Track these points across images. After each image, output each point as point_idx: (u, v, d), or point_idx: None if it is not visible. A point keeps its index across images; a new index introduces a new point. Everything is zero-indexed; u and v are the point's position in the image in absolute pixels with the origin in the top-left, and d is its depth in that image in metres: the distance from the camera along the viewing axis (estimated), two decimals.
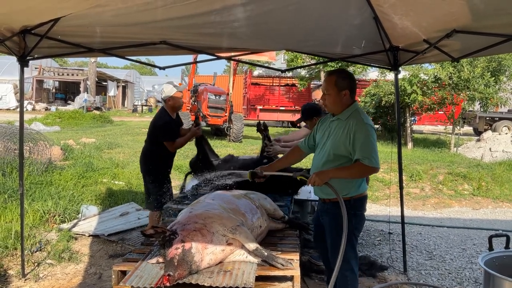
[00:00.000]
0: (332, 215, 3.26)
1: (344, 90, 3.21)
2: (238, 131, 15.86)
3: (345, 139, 3.13)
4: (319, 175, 3.08)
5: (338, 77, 3.24)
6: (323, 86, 3.34)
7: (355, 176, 3.20)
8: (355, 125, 3.12)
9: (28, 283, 4.35)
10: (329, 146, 3.23)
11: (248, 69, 27.43)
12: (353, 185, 3.25)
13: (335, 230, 3.24)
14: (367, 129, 3.13)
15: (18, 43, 4.08)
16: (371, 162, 3.05)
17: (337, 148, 3.17)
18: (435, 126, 24.99)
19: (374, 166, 3.07)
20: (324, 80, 3.38)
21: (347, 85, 3.23)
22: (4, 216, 5.70)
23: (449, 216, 8.02)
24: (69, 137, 13.72)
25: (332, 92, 3.22)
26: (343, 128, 3.17)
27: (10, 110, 27.04)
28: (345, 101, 3.23)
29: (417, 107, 15.60)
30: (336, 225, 3.20)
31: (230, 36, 4.37)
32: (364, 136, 3.09)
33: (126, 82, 38.52)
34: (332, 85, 3.22)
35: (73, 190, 7.23)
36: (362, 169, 3.10)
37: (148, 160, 5.16)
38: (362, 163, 3.06)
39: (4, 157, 7.92)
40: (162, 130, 4.99)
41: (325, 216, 3.38)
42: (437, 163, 10.87)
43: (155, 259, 3.01)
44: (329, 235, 3.36)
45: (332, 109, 3.30)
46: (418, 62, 5.98)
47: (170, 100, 5.07)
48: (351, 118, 3.18)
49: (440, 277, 4.81)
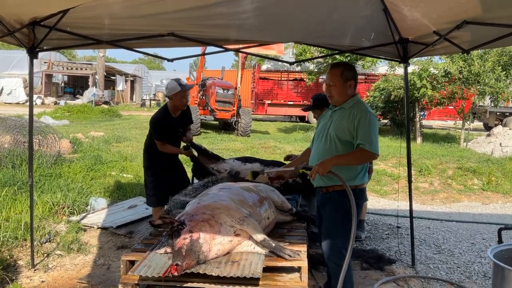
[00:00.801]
0: (336, 203, 3.26)
1: (349, 81, 3.30)
2: (246, 126, 15.86)
3: (350, 124, 3.19)
4: (321, 165, 3.08)
5: (344, 69, 3.33)
6: (328, 78, 3.38)
7: (356, 162, 3.23)
8: (359, 112, 3.19)
9: (38, 273, 4.39)
10: (332, 132, 3.27)
11: (257, 63, 27.39)
12: (357, 174, 3.28)
13: (335, 219, 3.26)
14: (370, 116, 3.20)
15: (27, 35, 4.10)
16: (371, 147, 3.11)
17: (341, 132, 3.22)
18: (445, 122, 24.79)
19: (373, 151, 3.13)
20: (328, 72, 3.42)
21: (352, 76, 3.33)
22: (14, 208, 5.75)
23: (458, 210, 7.97)
24: (78, 130, 13.80)
25: (338, 83, 3.29)
26: (347, 116, 3.23)
27: (19, 104, 27.24)
28: (349, 91, 3.32)
29: (427, 102, 15.48)
30: (338, 214, 3.22)
31: (238, 28, 4.36)
32: (367, 122, 3.15)
33: (135, 77, 38.65)
34: (338, 76, 3.29)
35: (82, 183, 7.28)
36: (362, 154, 3.15)
37: (148, 154, 5.09)
38: (363, 149, 3.11)
39: (13, 150, 7.98)
40: (153, 127, 4.89)
41: (327, 204, 3.37)
42: (446, 157, 10.79)
43: (163, 249, 3.02)
44: (326, 222, 3.36)
45: (337, 100, 3.35)
46: (428, 54, 5.94)
47: (173, 98, 4.88)
48: (355, 107, 3.25)
49: (448, 271, 4.78)
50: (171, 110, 4.95)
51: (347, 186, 2.92)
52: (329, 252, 3.30)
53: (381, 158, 10.46)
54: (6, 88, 28.28)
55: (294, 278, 2.96)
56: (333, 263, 3.28)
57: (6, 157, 7.71)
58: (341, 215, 3.16)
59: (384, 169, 9.88)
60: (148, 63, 68.42)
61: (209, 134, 16.00)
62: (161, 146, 4.88)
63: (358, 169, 3.28)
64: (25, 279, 4.23)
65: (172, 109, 4.94)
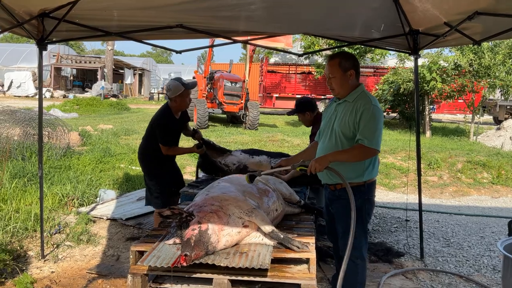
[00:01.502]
0: (345, 201, 3.08)
1: (349, 71, 3.14)
2: (254, 119, 15.83)
3: (353, 119, 3.06)
4: (318, 161, 2.97)
5: (342, 59, 3.17)
6: (327, 70, 3.24)
7: (355, 159, 3.10)
8: (362, 105, 3.05)
9: (48, 263, 4.43)
10: (337, 128, 3.15)
11: (264, 56, 27.29)
12: (365, 169, 3.17)
13: (347, 217, 3.16)
14: (373, 110, 3.05)
15: (36, 27, 4.11)
16: (370, 143, 2.97)
17: (346, 129, 3.09)
18: (454, 115, 24.61)
19: (373, 147, 2.99)
20: (327, 65, 3.27)
21: (351, 65, 3.16)
22: (24, 199, 5.80)
23: (467, 204, 7.92)
24: (87, 123, 13.88)
25: (337, 74, 3.16)
26: (350, 110, 3.10)
27: (29, 97, 27.40)
28: (351, 82, 3.17)
29: (436, 95, 15.35)
30: (348, 211, 3.12)
31: (247, 20, 4.34)
32: (369, 116, 3.02)
33: (143, 70, 38.74)
34: (337, 67, 3.15)
35: (91, 175, 7.32)
36: (361, 150, 3.01)
37: (147, 159, 4.80)
38: (361, 145, 2.98)
39: (23, 142, 8.04)
40: (161, 131, 4.56)
41: (335, 203, 3.30)
42: (456, 151, 10.71)
43: (172, 240, 3.03)
44: (340, 222, 3.28)
45: (340, 92, 3.22)
46: (439, 45, 5.89)
47: (176, 100, 4.56)
48: (359, 99, 3.11)
49: (457, 264, 4.76)
50: (174, 112, 4.66)
51: (345, 181, 2.84)
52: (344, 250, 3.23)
53: (390, 151, 10.41)
54: (16, 81, 28.45)
55: (303, 269, 2.96)
56: (351, 261, 3.23)
57: (16, 149, 7.77)
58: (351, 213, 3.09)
59: (393, 162, 9.83)
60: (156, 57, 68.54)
61: (216, 127, 16.01)
62: (168, 150, 4.62)
63: (365, 164, 3.16)
64: (35, 269, 4.27)
65: (175, 110, 4.65)
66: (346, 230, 3.19)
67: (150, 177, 4.82)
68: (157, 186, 4.76)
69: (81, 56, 37.18)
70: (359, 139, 3.00)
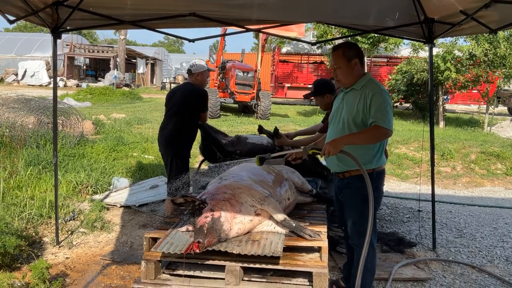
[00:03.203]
0: (355, 189, 3.13)
1: (353, 59, 3.12)
2: (266, 109, 15.80)
3: (363, 105, 3.02)
4: (332, 144, 2.86)
5: (345, 49, 3.16)
6: (332, 61, 3.25)
7: (370, 141, 3.04)
8: (371, 91, 3.03)
9: (62, 250, 4.50)
10: (345, 115, 3.12)
11: (276, 46, 27.18)
12: (373, 156, 3.12)
13: (356, 205, 3.14)
14: (383, 95, 3.03)
15: (51, 15, 4.14)
16: (385, 123, 2.91)
17: (355, 114, 3.06)
18: (468, 106, 24.34)
19: (388, 128, 2.93)
20: (331, 56, 3.29)
21: (355, 54, 3.14)
22: (39, 186, 5.88)
23: (480, 195, 7.86)
24: (100, 112, 13.98)
25: (342, 64, 3.14)
26: (359, 97, 3.07)
27: (42, 86, 27.64)
28: (356, 71, 3.14)
29: (450, 85, 15.18)
30: (358, 199, 3.10)
31: (260, 8, 4.31)
32: (381, 100, 2.98)
33: (155, 60, 38.80)
34: (341, 57, 3.14)
35: (105, 163, 7.39)
36: (376, 131, 2.94)
37: (184, 140, 4.84)
38: (376, 125, 2.92)
39: (37, 130, 8.13)
40: (205, 100, 4.98)
41: (344, 191, 3.25)
42: (469, 142, 10.61)
43: (185, 227, 3.06)
44: (348, 210, 3.24)
45: (346, 82, 3.19)
46: (454, 34, 5.80)
47: (199, 76, 4.97)
48: (366, 86, 3.08)
49: (470, 254, 4.74)
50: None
51: (362, 167, 2.75)
52: (354, 238, 3.23)
53: (403, 142, 10.34)
54: (29, 71, 28.68)
55: (314, 258, 2.98)
56: (358, 249, 3.23)
57: (30, 137, 7.86)
58: (361, 200, 3.02)
59: (406, 153, 9.77)
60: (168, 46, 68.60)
61: (228, 117, 16.02)
62: (206, 116, 5.05)
63: (374, 151, 3.12)
64: (50, 255, 4.34)
65: (197, 85, 5.01)
66: (355, 218, 3.20)
67: (182, 160, 4.86)
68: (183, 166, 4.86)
69: (94, 46, 37.34)
70: (373, 122, 2.94)
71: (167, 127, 4.88)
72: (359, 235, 3.12)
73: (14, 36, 36.34)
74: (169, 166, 4.88)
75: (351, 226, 3.23)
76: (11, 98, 9.21)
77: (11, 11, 3.68)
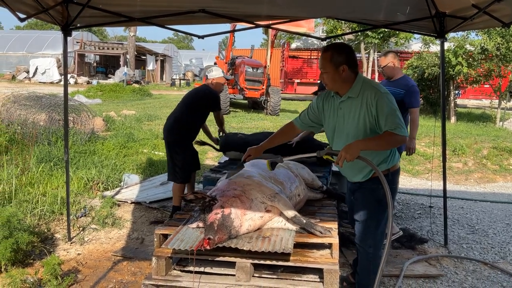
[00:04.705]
0: (368, 190, 3.05)
1: (341, 66, 2.87)
2: (275, 105, 15.77)
3: (368, 114, 2.87)
4: (348, 150, 2.68)
5: (333, 53, 2.89)
6: (320, 63, 3.02)
7: (386, 147, 2.93)
8: (372, 97, 2.84)
9: (74, 246, 4.53)
10: (350, 129, 2.95)
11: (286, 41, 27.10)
12: (387, 156, 3.03)
13: (368, 206, 3.07)
14: (387, 98, 2.85)
15: (61, 13, 4.16)
16: (401, 131, 2.77)
17: (362, 127, 2.90)
18: (480, 101, 24.08)
19: (404, 135, 2.80)
20: (320, 57, 3.04)
21: (344, 60, 2.88)
22: (51, 183, 5.93)
23: (492, 191, 7.78)
24: (111, 109, 14.06)
25: (329, 69, 2.91)
26: (360, 106, 2.89)
27: (53, 83, 27.84)
28: (345, 77, 2.90)
29: (462, 80, 15.02)
30: (370, 200, 3.03)
31: (270, 3, 4.28)
32: (386, 106, 2.82)
33: (164, 56, 38.90)
34: (328, 62, 2.90)
35: (115, 160, 7.44)
36: (393, 138, 2.80)
37: (183, 129, 5.02)
38: (393, 132, 2.77)
39: (49, 127, 8.20)
40: (218, 99, 5.20)
41: (356, 192, 3.18)
42: (481, 137, 10.50)
43: (195, 224, 3.07)
44: (358, 211, 3.15)
45: (333, 88, 3.00)
46: (466, 28, 5.73)
47: (213, 82, 5.14)
48: (364, 91, 2.89)
49: (482, 251, 4.70)
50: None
51: (379, 172, 2.61)
52: (361, 238, 3.19)
53: None
54: (40, 68, 28.90)
55: (325, 254, 2.96)
56: (362, 249, 3.19)
57: (42, 134, 7.93)
58: (374, 202, 2.98)
59: (417, 148, 9.66)
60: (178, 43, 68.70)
61: (238, 113, 16.02)
62: (221, 113, 5.36)
63: (387, 151, 3.03)
64: (62, 251, 4.38)
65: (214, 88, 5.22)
66: (364, 219, 3.13)
67: (181, 149, 5.04)
68: (183, 160, 5.03)
69: (104, 43, 37.51)
70: (389, 130, 2.79)
71: (171, 117, 5.18)
72: (364, 236, 3.10)
73: (25, 34, 36.69)
74: (168, 153, 5.18)
75: (359, 226, 3.18)
76: (22, 96, 9.29)
77: (22, 9, 3.70)
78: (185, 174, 5.05)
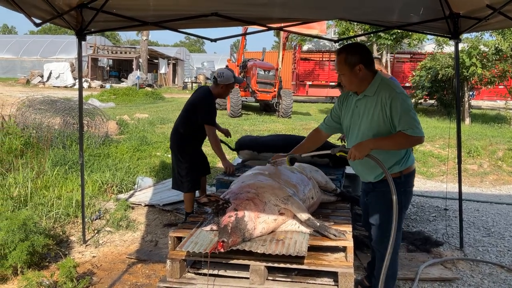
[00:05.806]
0: (380, 193, 3.03)
1: (356, 66, 2.88)
2: (287, 107, 15.75)
3: (382, 114, 2.87)
4: (358, 148, 2.75)
5: (347, 54, 2.92)
6: (336, 66, 3.04)
7: (398, 148, 2.92)
8: (387, 97, 2.84)
9: (89, 248, 4.57)
10: (364, 127, 2.96)
11: (297, 44, 27.05)
12: (400, 158, 3.00)
13: (382, 209, 3.05)
14: (401, 98, 2.84)
15: (75, 17, 4.21)
16: (414, 132, 2.76)
17: (376, 127, 2.90)
18: (494, 102, 23.77)
19: (419, 135, 2.78)
20: (335, 60, 3.06)
21: (359, 60, 2.89)
22: (66, 186, 5.99)
23: (508, 193, 7.67)
24: (124, 112, 14.16)
25: (345, 71, 2.92)
26: (375, 104, 2.89)
27: (67, 87, 28.12)
28: (362, 77, 2.92)
29: (476, 81, 14.86)
30: (383, 203, 2.99)
31: (282, 6, 4.30)
32: (400, 105, 2.81)
33: (176, 60, 39.08)
34: (343, 63, 2.91)
35: (129, 163, 7.49)
36: (404, 139, 2.80)
37: (182, 138, 4.94)
38: (405, 133, 2.77)
39: (63, 131, 8.29)
40: (211, 111, 4.83)
41: (370, 194, 3.18)
42: (496, 139, 10.37)
43: (209, 227, 3.07)
44: (373, 213, 3.15)
45: (351, 88, 3.02)
46: (480, 29, 5.67)
47: (222, 87, 4.92)
48: (380, 91, 2.89)
49: (498, 254, 4.63)
50: (214, 96, 4.96)
51: (387, 172, 2.62)
52: (376, 241, 3.18)
53: (428, 139, 10.17)
54: (54, 72, 29.19)
55: (340, 257, 2.94)
56: (379, 253, 3.17)
57: (57, 138, 8.01)
58: (386, 205, 2.90)
59: (431, 150, 9.61)
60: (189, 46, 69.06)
61: (250, 116, 16.03)
62: (212, 130, 4.81)
63: (401, 153, 3.00)
64: (77, 254, 4.42)
65: (216, 95, 4.96)
66: (378, 222, 3.12)
67: (184, 158, 4.94)
68: (187, 169, 4.92)
69: (117, 47, 37.78)
70: (402, 130, 2.79)
71: (175, 124, 5.15)
72: (381, 239, 3.07)
73: (39, 38, 37.11)
74: (173, 159, 5.11)
75: (375, 229, 3.17)
76: (37, 100, 9.40)
77: (37, 14, 3.75)
78: (191, 183, 4.94)
